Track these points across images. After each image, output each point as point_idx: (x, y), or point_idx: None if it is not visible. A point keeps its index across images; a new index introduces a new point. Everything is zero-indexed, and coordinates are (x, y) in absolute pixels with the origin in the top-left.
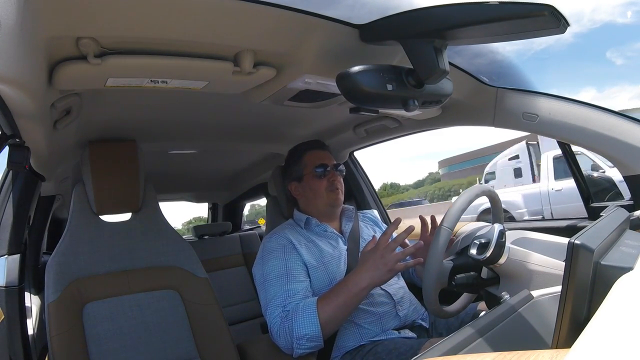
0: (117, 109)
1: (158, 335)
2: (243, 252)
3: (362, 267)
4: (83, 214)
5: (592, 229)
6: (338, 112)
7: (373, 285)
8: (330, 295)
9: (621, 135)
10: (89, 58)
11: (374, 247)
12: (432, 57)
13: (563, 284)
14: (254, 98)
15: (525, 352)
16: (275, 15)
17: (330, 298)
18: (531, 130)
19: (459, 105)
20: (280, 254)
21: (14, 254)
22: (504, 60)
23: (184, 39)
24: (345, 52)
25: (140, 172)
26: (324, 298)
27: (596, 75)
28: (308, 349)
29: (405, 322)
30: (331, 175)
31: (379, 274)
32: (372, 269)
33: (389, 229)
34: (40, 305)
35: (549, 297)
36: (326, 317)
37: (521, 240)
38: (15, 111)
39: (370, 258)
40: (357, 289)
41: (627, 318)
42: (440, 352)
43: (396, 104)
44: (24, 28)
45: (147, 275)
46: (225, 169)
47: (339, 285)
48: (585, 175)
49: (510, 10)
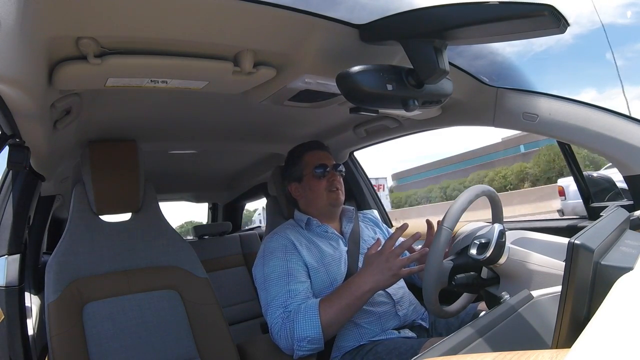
0: (117, 109)
1: (158, 335)
2: (243, 252)
3: (366, 270)
4: (83, 214)
5: (592, 229)
6: (338, 112)
7: (376, 289)
8: (333, 297)
9: (621, 135)
10: (89, 58)
11: (379, 251)
12: (432, 57)
13: (563, 284)
14: (254, 98)
15: (525, 352)
16: (275, 15)
17: (333, 300)
18: (531, 131)
19: (459, 105)
20: (281, 254)
21: (14, 254)
22: (504, 62)
23: (184, 39)
24: (345, 52)
25: (140, 172)
26: (326, 300)
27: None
28: (308, 351)
29: (405, 321)
30: (331, 176)
31: (383, 278)
32: (377, 273)
33: (395, 233)
34: (40, 305)
35: (549, 297)
36: (328, 319)
37: (521, 240)
38: (15, 111)
39: (375, 262)
40: (360, 292)
41: (627, 318)
42: (440, 352)
43: (396, 104)
44: (24, 28)
45: (147, 275)
46: (225, 169)
47: (341, 288)
48: (585, 175)
49: (510, 10)
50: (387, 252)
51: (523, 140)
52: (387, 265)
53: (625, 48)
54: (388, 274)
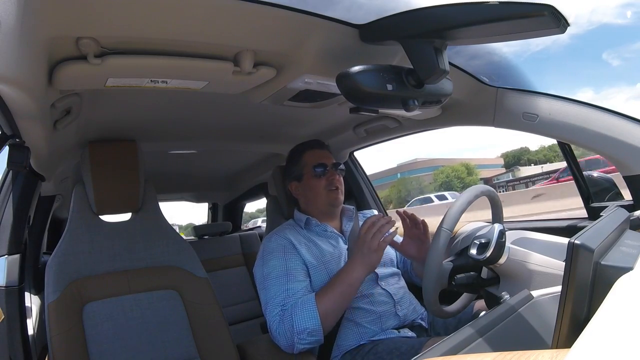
0: (117, 109)
1: (158, 335)
2: (243, 252)
3: (351, 258)
4: (83, 214)
5: (592, 229)
6: (338, 112)
7: (365, 271)
8: (327, 289)
9: (621, 135)
10: (89, 58)
11: (357, 237)
12: (432, 57)
13: (563, 284)
14: (254, 98)
15: (525, 352)
16: (275, 15)
17: (327, 291)
18: (531, 131)
19: (459, 105)
20: (280, 254)
21: (14, 254)
22: (501, 61)
23: (184, 39)
24: (345, 52)
25: (140, 172)
26: (321, 292)
27: (593, 77)
28: (309, 343)
29: (405, 321)
30: (330, 175)
31: (366, 258)
32: (359, 256)
33: (369, 218)
34: (40, 305)
35: (549, 297)
36: (325, 309)
37: (521, 240)
38: (15, 111)
39: (356, 247)
40: (351, 279)
41: (627, 318)
42: (440, 352)
43: (396, 104)
44: (24, 28)
45: (147, 275)
46: (225, 169)
47: (333, 279)
48: (585, 175)
49: (510, 10)
50: (363, 234)
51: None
52: (366, 245)
53: (622, 48)
54: (368, 251)
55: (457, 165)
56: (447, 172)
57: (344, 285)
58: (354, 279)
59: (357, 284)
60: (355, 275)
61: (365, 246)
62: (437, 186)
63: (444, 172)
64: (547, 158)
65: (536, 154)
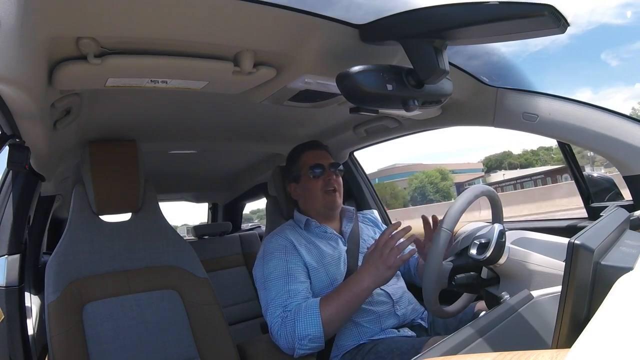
0: (117, 109)
1: (158, 335)
2: (243, 252)
3: (363, 267)
4: (83, 214)
5: (592, 229)
6: (338, 112)
7: (374, 284)
8: (333, 295)
9: (621, 135)
10: (89, 58)
11: (374, 247)
12: (432, 57)
13: (563, 284)
14: (254, 98)
15: (525, 352)
16: (275, 15)
17: (333, 299)
18: (531, 131)
19: (459, 105)
20: (281, 255)
21: (14, 254)
22: (500, 61)
23: (184, 39)
24: (345, 52)
25: (140, 172)
26: (326, 299)
27: (592, 77)
28: (309, 349)
29: (404, 320)
30: (327, 175)
31: (379, 272)
32: (373, 269)
33: (388, 228)
34: (40, 305)
35: (549, 297)
36: (328, 317)
37: (521, 240)
38: (15, 111)
39: (371, 258)
40: (358, 289)
41: (627, 318)
42: (440, 352)
43: (396, 104)
44: (24, 28)
45: (147, 275)
46: (225, 169)
47: (341, 286)
48: (585, 175)
49: (510, 10)
50: (380, 246)
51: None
52: (382, 259)
53: (621, 48)
54: (383, 267)
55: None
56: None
57: (350, 295)
58: (362, 289)
59: (364, 294)
60: (364, 285)
61: (380, 260)
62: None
63: (417, 177)
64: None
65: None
